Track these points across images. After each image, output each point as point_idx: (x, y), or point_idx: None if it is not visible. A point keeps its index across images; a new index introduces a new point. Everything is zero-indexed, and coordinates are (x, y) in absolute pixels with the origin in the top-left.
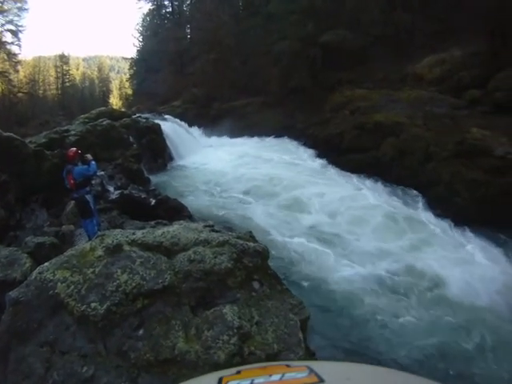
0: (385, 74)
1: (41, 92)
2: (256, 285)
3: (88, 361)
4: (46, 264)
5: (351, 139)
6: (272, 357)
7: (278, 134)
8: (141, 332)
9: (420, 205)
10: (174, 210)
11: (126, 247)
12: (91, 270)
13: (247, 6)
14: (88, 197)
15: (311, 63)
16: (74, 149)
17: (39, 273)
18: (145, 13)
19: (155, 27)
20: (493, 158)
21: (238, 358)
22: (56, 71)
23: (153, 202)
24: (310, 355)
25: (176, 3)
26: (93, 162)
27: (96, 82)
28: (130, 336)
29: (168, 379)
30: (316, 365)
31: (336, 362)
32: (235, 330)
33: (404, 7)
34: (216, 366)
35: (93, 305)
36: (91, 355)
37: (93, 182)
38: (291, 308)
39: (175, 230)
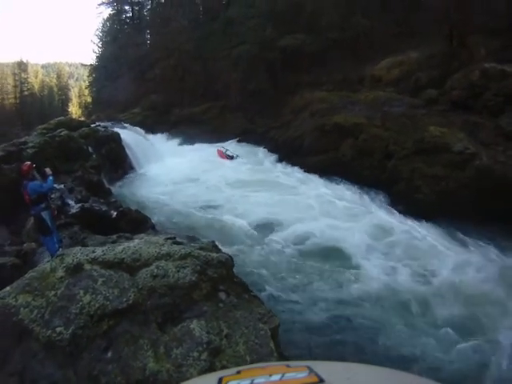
0: (343, 77)
1: None
2: (222, 295)
3: None
4: (7, 288)
5: (311, 141)
6: None
7: (239, 139)
8: (109, 354)
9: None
10: (137, 222)
11: (87, 266)
12: (53, 292)
13: (207, 11)
14: (44, 214)
15: (270, 67)
16: (28, 163)
17: (1, 298)
18: (105, 18)
19: (115, 33)
20: (452, 153)
21: None
22: (14, 79)
23: (114, 214)
24: None
25: (136, 8)
26: (50, 178)
27: (55, 90)
28: (99, 359)
29: None
30: (316, 365)
31: (336, 362)
32: (204, 346)
33: (363, 11)
34: None
35: (58, 329)
36: (62, 382)
37: (52, 196)
38: (260, 317)
39: (136, 245)
